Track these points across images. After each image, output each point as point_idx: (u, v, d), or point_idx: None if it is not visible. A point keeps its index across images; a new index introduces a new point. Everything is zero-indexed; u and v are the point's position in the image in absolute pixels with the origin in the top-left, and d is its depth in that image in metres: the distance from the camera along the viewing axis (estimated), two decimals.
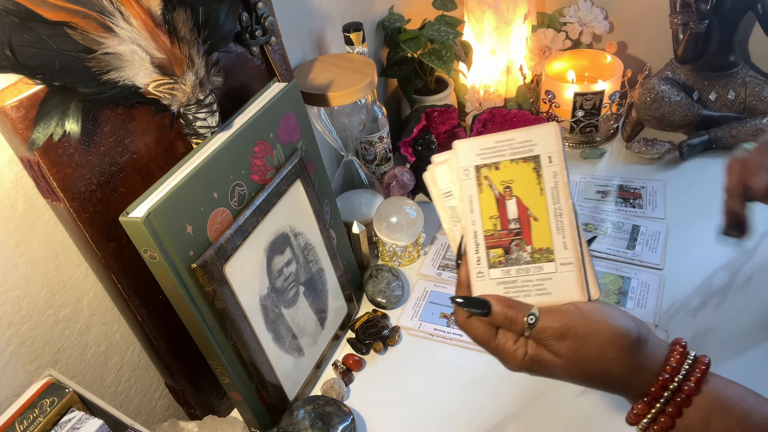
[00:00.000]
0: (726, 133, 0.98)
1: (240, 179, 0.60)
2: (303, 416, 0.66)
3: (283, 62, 0.74)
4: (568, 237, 0.47)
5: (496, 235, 0.48)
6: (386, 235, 0.86)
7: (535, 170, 0.47)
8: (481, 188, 0.48)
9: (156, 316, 0.63)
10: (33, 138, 0.48)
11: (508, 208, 0.48)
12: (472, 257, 0.48)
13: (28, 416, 0.53)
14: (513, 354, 0.46)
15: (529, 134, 0.48)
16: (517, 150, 0.48)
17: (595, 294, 0.47)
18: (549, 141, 0.47)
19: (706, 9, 0.94)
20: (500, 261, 0.48)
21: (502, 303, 0.46)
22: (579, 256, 0.46)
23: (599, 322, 0.43)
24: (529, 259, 0.47)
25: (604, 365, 0.43)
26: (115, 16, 0.48)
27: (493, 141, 0.48)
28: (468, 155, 0.49)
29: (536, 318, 0.45)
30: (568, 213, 0.47)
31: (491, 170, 0.48)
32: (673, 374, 0.43)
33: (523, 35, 1.11)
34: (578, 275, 0.46)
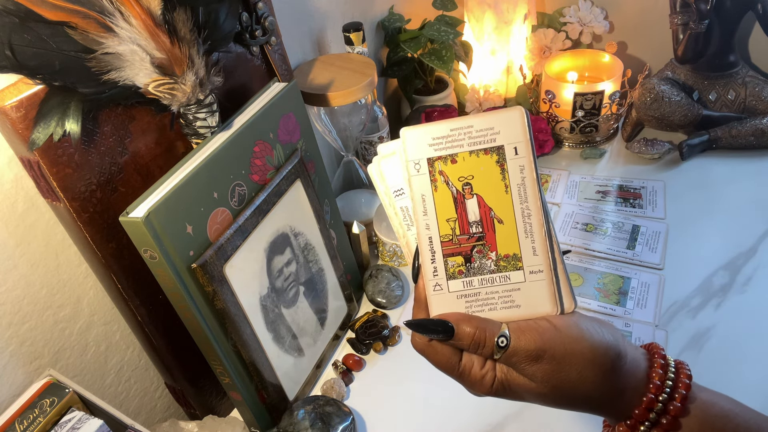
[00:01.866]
0: (726, 133, 0.98)
1: (240, 179, 0.60)
2: (303, 416, 0.66)
3: (283, 62, 0.74)
4: (538, 241, 0.41)
5: (454, 241, 0.42)
6: (386, 235, 0.86)
7: (499, 163, 0.41)
8: (436, 185, 0.42)
9: (156, 316, 0.63)
10: (33, 138, 0.48)
11: (468, 209, 0.42)
12: (428, 268, 0.42)
13: (28, 416, 0.53)
14: (480, 380, 0.41)
15: (490, 121, 0.41)
16: (477, 139, 0.41)
17: (569, 306, 0.42)
18: (514, 128, 0.41)
19: (706, 9, 0.94)
20: (460, 271, 0.42)
21: (467, 323, 0.40)
22: (550, 263, 0.41)
23: (577, 341, 0.39)
24: (494, 267, 0.42)
25: (584, 388, 0.39)
26: (115, 16, 0.48)
27: (448, 128, 0.41)
28: (418, 145, 0.42)
29: (507, 340, 0.39)
30: (537, 213, 0.41)
31: (447, 164, 0.42)
32: (657, 393, 0.39)
33: (523, 35, 1.11)
34: (549, 285, 0.41)
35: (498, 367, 0.41)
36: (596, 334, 0.40)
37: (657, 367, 0.40)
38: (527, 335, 0.39)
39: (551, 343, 0.39)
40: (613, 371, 0.39)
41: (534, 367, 0.39)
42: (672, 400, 0.39)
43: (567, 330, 0.39)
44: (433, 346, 0.42)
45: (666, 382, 0.40)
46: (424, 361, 0.75)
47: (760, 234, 0.84)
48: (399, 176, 0.44)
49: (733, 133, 0.98)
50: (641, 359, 0.41)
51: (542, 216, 0.41)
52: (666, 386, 0.39)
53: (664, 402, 0.39)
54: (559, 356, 0.39)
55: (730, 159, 0.99)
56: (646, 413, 0.39)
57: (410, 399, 0.72)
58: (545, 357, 0.39)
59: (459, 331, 0.40)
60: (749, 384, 0.66)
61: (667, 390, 0.39)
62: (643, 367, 0.41)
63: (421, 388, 0.73)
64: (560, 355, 0.39)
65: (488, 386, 0.41)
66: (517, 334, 0.39)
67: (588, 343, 0.39)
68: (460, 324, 0.40)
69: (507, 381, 0.41)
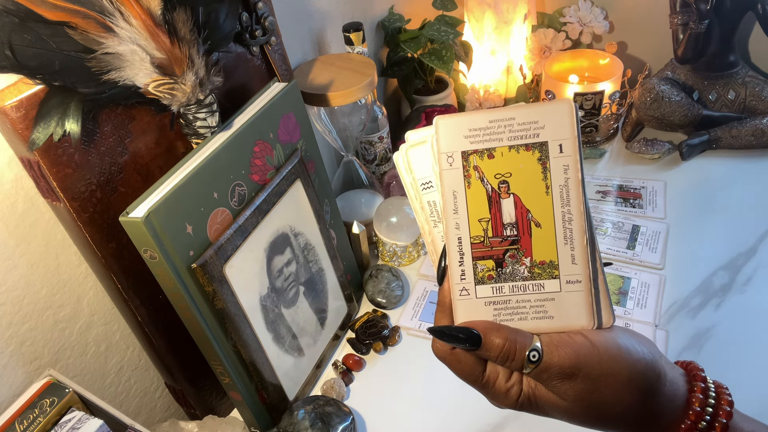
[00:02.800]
0: (726, 133, 0.98)
1: (240, 179, 0.60)
2: (303, 416, 0.66)
3: (283, 62, 0.74)
4: (578, 249, 0.38)
5: (486, 243, 0.39)
6: (386, 235, 0.86)
7: (541, 161, 0.38)
8: (469, 182, 0.38)
9: (156, 316, 0.63)
10: (33, 138, 0.48)
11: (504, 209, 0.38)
12: (455, 270, 0.39)
13: (28, 416, 0.53)
14: (505, 393, 0.39)
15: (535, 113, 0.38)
16: (519, 133, 0.38)
17: (607, 321, 0.38)
18: (561, 123, 0.37)
19: (706, 9, 0.94)
20: (490, 276, 0.39)
21: (496, 333, 0.37)
22: (590, 273, 0.38)
23: (615, 359, 0.36)
24: (527, 274, 0.38)
25: (619, 411, 0.36)
26: (115, 16, 0.48)
27: (487, 120, 0.38)
28: (453, 137, 0.38)
29: (540, 354, 0.36)
30: (579, 219, 0.38)
31: (483, 158, 0.38)
32: (696, 421, 0.36)
33: (523, 35, 1.11)
34: (587, 297, 0.38)
35: (525, 381, 0.39)
36: (635, 353, 0.37)
37: (697, 392, 0.37)
38: (561, 350, 0.36)
39: (587, 360, 0.36)
40: (651, 394, 0.37)
41: (566, 385, 0.36)
42: (712, 429, 0.37)
43: (604, 347, 0.36)
44: (455, 354, 0.39)
45: (706, 408, 0.37)
46: (424, 361, 0.76)
47: (760, 234, 0.84)
48: (428, 167, 0.40)
49: (733, 133, 0.98)
50: (680, 381, 0.38)
51: (585, 222, 0.38)
52: (706, 413, 0.37)
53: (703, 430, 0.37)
54: (595, 375, 0.36)
55: (730, 159, 0.99)
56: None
57: (410, 399, 0.72)
58: (580, 375, 0.36)
59: (487, 342, 0.37)
60: (749, 384, 0.66)
61: (707, 417, 0.36)
62: (682, 391, 0.38)
63: (421, 388, 0.73)
64: (596, 375, 0.36)
65: (513, 400, 0.39)
66: (551, 349, 0.37)
67: (626, 363, 0.36)
68: (489, 334, 0.37)
69: (534, 396, 0.38)
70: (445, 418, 0.69)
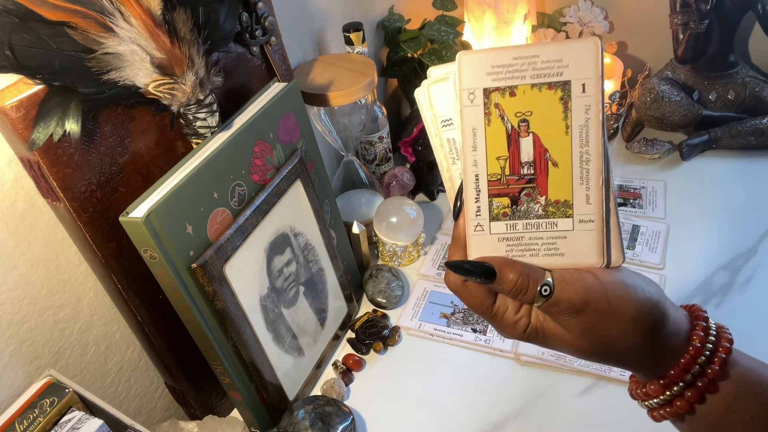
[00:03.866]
0: (726, 133, 0.98)
1: (240, 179, 0.60)
2: (303, 416, 0.66)
3: (283, 62, 0.74)
4: (593, 189, 0.38)
5: (503, 181, 0.39)
6: (386, 235, 0.86)
7: (563, 101, 0.37)
8: (490, 119, 0.38)
9: (156, 316, 0.63)
10: (33, 138, 0.48)
11: (522, 148, 0.38)
12: (471, 207, 0.39)
13: (28, 416, 0.53)
14: (513, 325, 0.40)
15: (559, 51, 0.37)
16: (542, 71, 0.37)
17: (617, 260, 0.39)
18: (585, 62, 0.37)
19: (706, 9, 0.94)
20: (505, 213, 0.39)
21: (510, 268, 0.39)
22: (603, 213, 0.38)
23: (622, 298, 0.38)
24: (542, 212, 0.39)
25: (622, 346, 0.38)
26: (115, 16, 0.48)
27: (511, 56, 0.37)
28: (475, 73, 0.38)
29: (551, 289, 0.38)
30: (597, 160, 0.38)
31: (505, 96, 0.38)
32: (696, 355, 0.38)
33: (523, 35, 1.11)
34: (599, 236, 0.39)
35: (534, 314, 0.40)
36: (641, 293, 0.38)
37: (698, 329, 0.39)
38: (571, 286, 0.38)
39: (595, 297, 0.37)
40: (655, 331, 0.38)
41: (574, 320, 0.38)
42: (711, 363, 0.38)
43: (612, 286, 0.38)
44: (467, 286, 0.41)
45: (706, 345, 0.39)
46: (424, 361, 0.76)
47: (760, 234, 0.84)
48: (449, 104, 0.40)
49: (733, 133, 0.98)
50: (683, 321, 0.40)
51: (602, 163, 0.38)
52: (706, 349, 0.38)
53: (702, 364, 0.38)
54: (602, 311, 0.37)
55: (730, 159, 0.99)
56: (682, 374, 0.39)
57: (410, 399, 0.72)
58: (588, 311, 0.37)
59: (501, 276, 0.39)
60: None
61: (707, 353, 0.38)
62: (684, 330, 0.40)
63: (421, 388, 0.73)
64: (603, 311, 0.37)
65: (521, 331, 0.40)
66: (561, 284, 0.38)
67: (633, 302, 0.38)
68: (503, 269, 0.39)
69: (542, 329, 0.40)
70: (445, 418, 0.69)
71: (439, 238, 0.93)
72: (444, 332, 0.78)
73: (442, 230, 0.95)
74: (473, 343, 0.76)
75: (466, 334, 0.77)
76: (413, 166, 0.99)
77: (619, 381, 0.69)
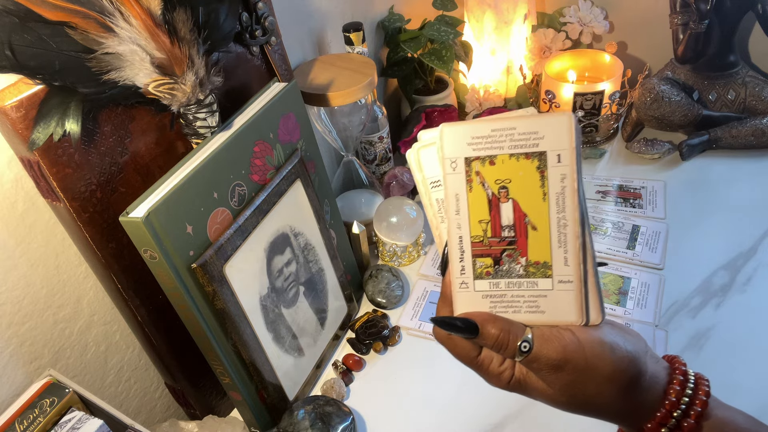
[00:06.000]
0: (726, 133, 0.98)
1: (240, 179, 0.60)
2: (303, 416, 0.66)
3: (283, 62, 0.74)
4: (571, 252, 0.40)
5: (485, 243, 0.41)
6: (386, 235, 0.86)
7: (539, 170, 0.40)
8: (471, 186, 0.41)
9: (156, 316, 0.63)
10: (33, 138, 0.48)
11: (503, 213, 0.41)
12: (456, 265, 0.42)
13: (28, 416, 0.53)
14: (498, 376, 0.42)
15: (534, 124, 0.39)
16: (519, 143, 0.40)
17: (595, 319, 0.41)
18: (560, 135, 0.39)
19: (706, 9, 0.94)
20: (488, 272, 0.42)
21: (492, 324, 0.41)
22: (581, 275, 0.40)
23: (599, 357, 0.39)
24: (523, 272, 0.41)
25: (600, 402, 0.40)
26: (115, 16, 0.48)
27: (490, 129, 0.40)
28: (456, 144, 0.40)
29: (530, 345, 0.40)
30: (574, 225, 0.40)
31: (485, 165, 0.40)
32: (671, 409, 0.40)
33: (523, 35, 1.11)
34: (578, 296, 0.40)
35: (517, 367, 0.42)
36: (618, 351, 0.39)
37: (675, 384, 0.40)
38: (550, 344, 0.39)
39: (573, 355, 0.39)
40: (631, 388, 0.40)
41: (554, 376, 0.40)
42: (686, 416, 0.39)
43: (590, 344, 0.39)
44: (452, 339, 0.43)
45: (682, 398, 0.40)
46: (424, 361, 0.76)
47: (760, 234, 0.84)
48: (437, 167, 0.43)
49: (733, 133, 0.98)
50: (662, 374, 0.41)
51: (578, 228, 0.40)
52: (682, 402, 0.39)
53: (678, 418, 0.39)
54: (580, 369, 0.39)
55: (730, 159, 0.99)
56: (658, 427, 0.40)
57: (410, 399, 0.72)
58: (566, 368, 0.39)
59: (483, 332, 0.41)
60: (749, 384, 0.66)
61: (683, 406, 0.39)
62: (662, 383, 0.41)
63: (421, 388, 0.73)
64: (581, 368, 0.39)
65: (505, 382, 0.42)
66: (541, 341, 0.40)
67: (609, 360, 0.39)
68: (486, 325, 0.41)
69: (525, 381, 0.42)
70: (445, 418, 0.69)
71: None
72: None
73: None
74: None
75: None
76: None
77: None
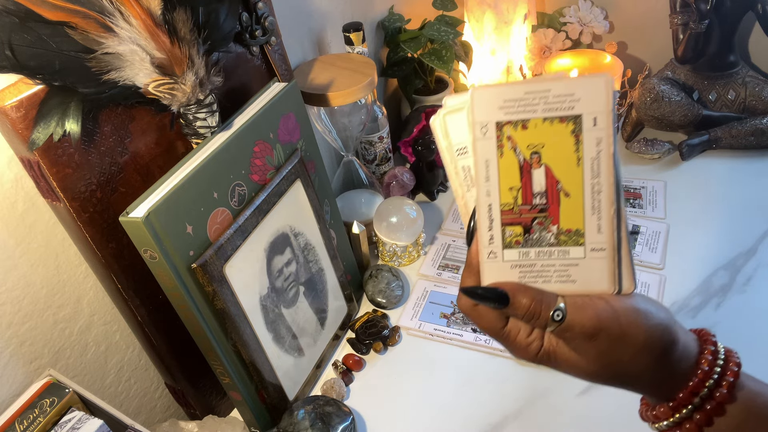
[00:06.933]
0: (726, 133, 0.98)
1: (240, 179, 0.60)
2: (303, 416, 0.66)
3: (283, 62, 0.74)
4: (605, 219, 0.39)
5: (515, 211, 0.40)
6: (386, 235, 0.86)
7: (574, 134, 0.38)
8: (502, 151, 0.39)
9: (156, 316, 0.63)
10: (33, 138, 0.48)
11: (534, 179, 0.39)
12: (484, 235, 0.40)
13: (28, 416, 0.53)
14: (525, 348, 0.41)
15: (570, 86, 0.38)
16: (553, 105, 0.38)
17: (628, 287, 0.40)
18: (596, 97, 0.37)
19: (706, 9, 0.94)
20: (517, 241, 0.40)
21: (523, 294, 0.39)
22: (614, 242, 0.39)
23: (634, 323, 0.38)
24: (554, 241, 0.40)
25: (634, 371, 0.39)
26: (115, 16, 0.48)
27: (523, 91, 0.38)
28: (488, 107, 0.39)
29: (563, 314, 0.38)
30: (608, 190, 0.38)
31: (517, 129, 0.38)
32: (704, 379, 0.39)
33: (523, 35, 1.11)
34: (610, 264, 0.39)
35: (546, 338, 0.41)
36: (652, 318, 0.39)
37: (707, 353, 0.40)
38: (584, 312, 0.38)
39: (607, 323, 0.38)
40: (665, 356, 0.39)
41: (587, 345, 0.38)
42: (719, 386, 0.39)
43: (624, 311, 0.39)
44: (478, 310, 0.41)
45: (715, 368, 0.39)
46: (424, 361, 0.76)
47: (760, 234, 0.84)
48: (464, 134, 0.41)
49: (733, 133, 0.98)
50: (692, 345, 0.41)
51: (613, 193, 0.38)
52: (714, 372, 0.39)
53: (711, 387, 0.39)
54: (615, 337, 0.38)
55: (730, 159, 0.99)
56: (691, 397, 0.39)
57: (410, 399, 0.72)
58: (600, 336, 0.38)
59: (514, 302, 0.39)
60: None
61: (715, 376, 0.39)
62: (693, 354, 0.40)
63: (421, 388, 0.73)
64: (615, 336, 0.38)
65: (533, 354, 0.41)
66: (574, 309, 0.39)
67: (644, 327, 0.38)
68: (516, 294, 0.39)
69: (554, 353, 0.40)
70: (445, 418, 0.69)
71: (439, 238, 0.93)
72: (444, 332, 0.78)
73: (442, 230, 0.95)
74: (473, 343, 0.76)
75: (466, 334, 0.77)
76: (413, 166, 0.99)
77: None
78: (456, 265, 0.88)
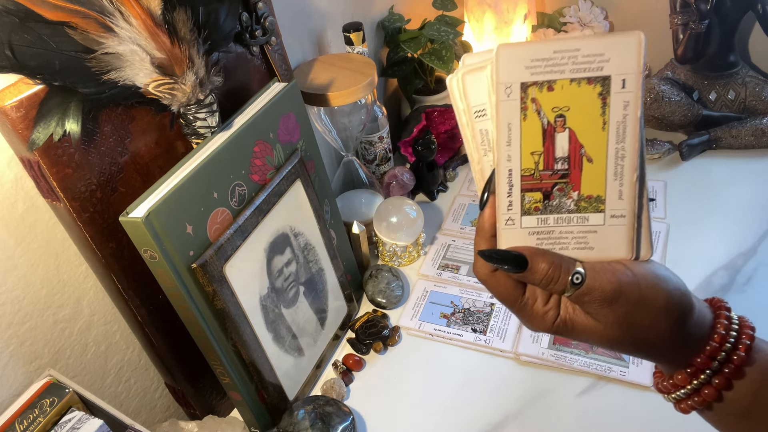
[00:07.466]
0: (726, 133, 0.98)
1: (240, 179, 0.60)
2: (303, 416, 0.66)
3: (283, 62, 0.74)
4: (627, 185, 0.38)
5: (536, 176, 0.38)
6: (386, 235, 0.86)
7: (601, 96, 0.37)
8: (526, 114, 0.37)
9: (156, 316, 0.63)
10: (33, 138, 0.48)
11: (557, 144, 0.38)
12: (503, 201, 0.39)
13: (28, 416, 0.53)
14: (542, 316, 0.40)
15: (601, 45, 0.36)
16: (582, 66, 0.36)
17: (645, 254, 0.39)
18: (627, 58, 0.36)
19: (706, 9, 0.94)
20: (537, 207, 0.39)
21: (542, 258, 0.39)
22: (635, 209, 0.38)
23: (653, 288, 0.38)
24: (573, 207, 0.39)
25: (653, 336, 0.38)
26: (115, 16, 0.48)
27: (551, 50, 0.36)
28: (514, 67, 0.37)
29: (583, 278, 0.38)
30: (633, 156, 0.37)
31: (543, 91, 0.37)
32: (721, 343, 0.39)
33: (523, 35, 1.11)
34: (630, 231, 0.39)
35: (563, 306, 0.40)
36: (671, 283, 0.39)
37: (722, 318, 0.40)
38: (603, 276, 0.38)
39: (627, 287, 0.38)
40: (683, 321, 0.39)
41: (606, 309, 0.38)
42: (736, 349, 0.39)
43: (643, 277, 0.38)
44: (495, 276, 0.40)
45: (730, 332, 0.39)
46: (424, 361, 0.76)
47: (760, 234, 0.84)
48: (483, 95, 0.39)
49: (733, 133, 0.98)
50: (707, 312, 0.41)
51: (637, 159, 0.37)
52: (730, 336, 0.39)
53: (728, 351, 0.39)
54: (634, 301, 0.38)
55: (730, 159, 0.99)
56: (708, 361, 0.39)
57: (410, 399, 0.72)
58: (620, 300, 0.38)
59: (533, 265, 0.38)
60: None
61: (731, 340, 0.39)
62: (708, 319, 0.40)
63: (421, 388, 0.73)
64: (635, 300, 0.38)
65: (549, 323, 0.40)
66: (593, 273, 0.38)
67: (664, 291, 0.38)
68: (535, 258, 0.39)
69: (571, 320, 0.40)
70: (445, 418, 0.69)
71: (439, 238, 0.93)
72: (444, 332, 0.78)
73: (442, 230, 0.95)
74: (473, 343, 0.76)
75: (466, 334, 0.77)
76: (413, 166, 0.99)
77: (619, 381, 0.69)
78: (456, 265, 0.88)
